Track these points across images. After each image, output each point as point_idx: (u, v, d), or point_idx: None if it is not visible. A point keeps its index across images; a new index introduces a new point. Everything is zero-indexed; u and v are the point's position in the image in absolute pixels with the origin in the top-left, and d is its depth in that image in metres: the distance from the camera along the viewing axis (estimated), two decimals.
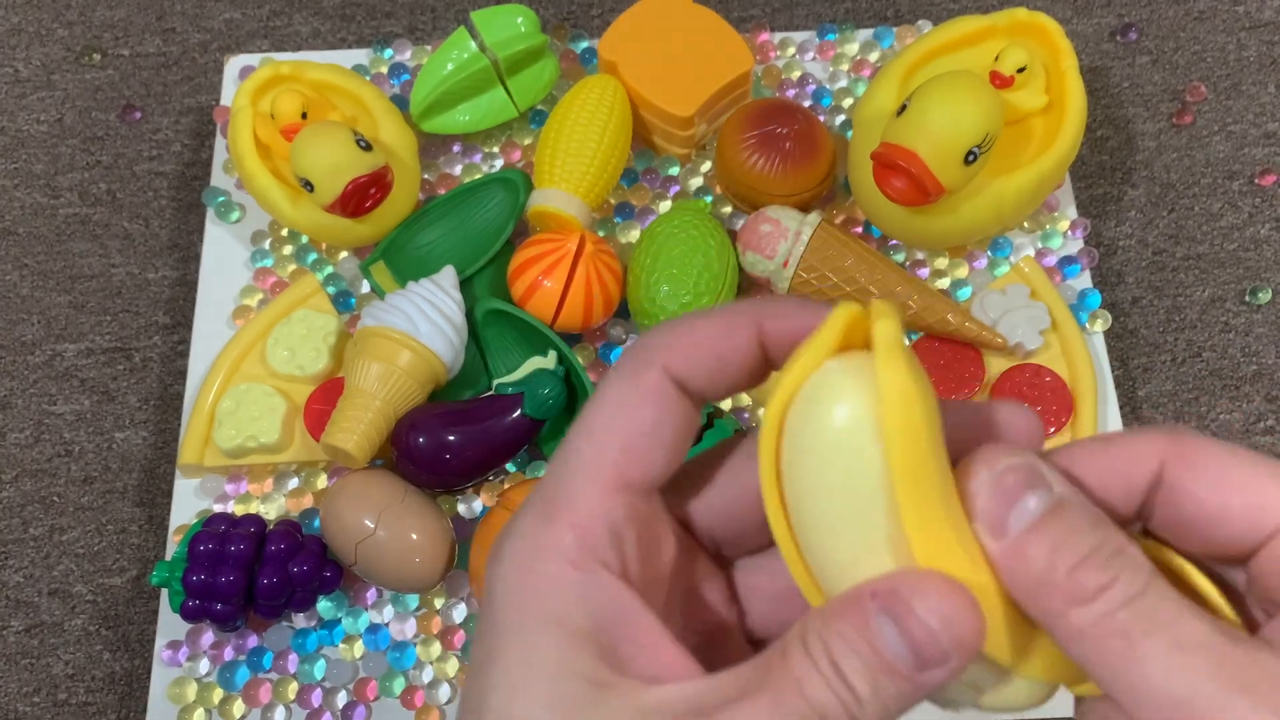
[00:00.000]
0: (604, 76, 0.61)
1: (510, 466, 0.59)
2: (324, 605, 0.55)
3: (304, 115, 0.60)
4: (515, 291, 0.57)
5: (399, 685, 0.54)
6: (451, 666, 0.55)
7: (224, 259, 0.63)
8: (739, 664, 0.22)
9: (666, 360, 0.23)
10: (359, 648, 0.55)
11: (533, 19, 0.62)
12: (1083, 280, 0.62)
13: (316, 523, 0.57)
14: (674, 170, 0.65)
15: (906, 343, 0.22)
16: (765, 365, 0.25)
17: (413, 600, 0.56)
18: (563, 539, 0.22)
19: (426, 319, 0.55)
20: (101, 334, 0.64)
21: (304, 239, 0.63)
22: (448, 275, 0.58)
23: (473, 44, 0.62)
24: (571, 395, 0.56)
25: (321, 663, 0.55)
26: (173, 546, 0.57)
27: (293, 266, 0.63)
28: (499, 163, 0.66)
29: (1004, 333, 0.58)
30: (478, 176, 0.64)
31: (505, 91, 0.63)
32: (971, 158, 0.52)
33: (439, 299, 0.56)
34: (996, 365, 0.59)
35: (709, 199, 0.64)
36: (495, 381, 0.58)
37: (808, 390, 0.22)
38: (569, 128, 0.59)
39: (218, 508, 0.58)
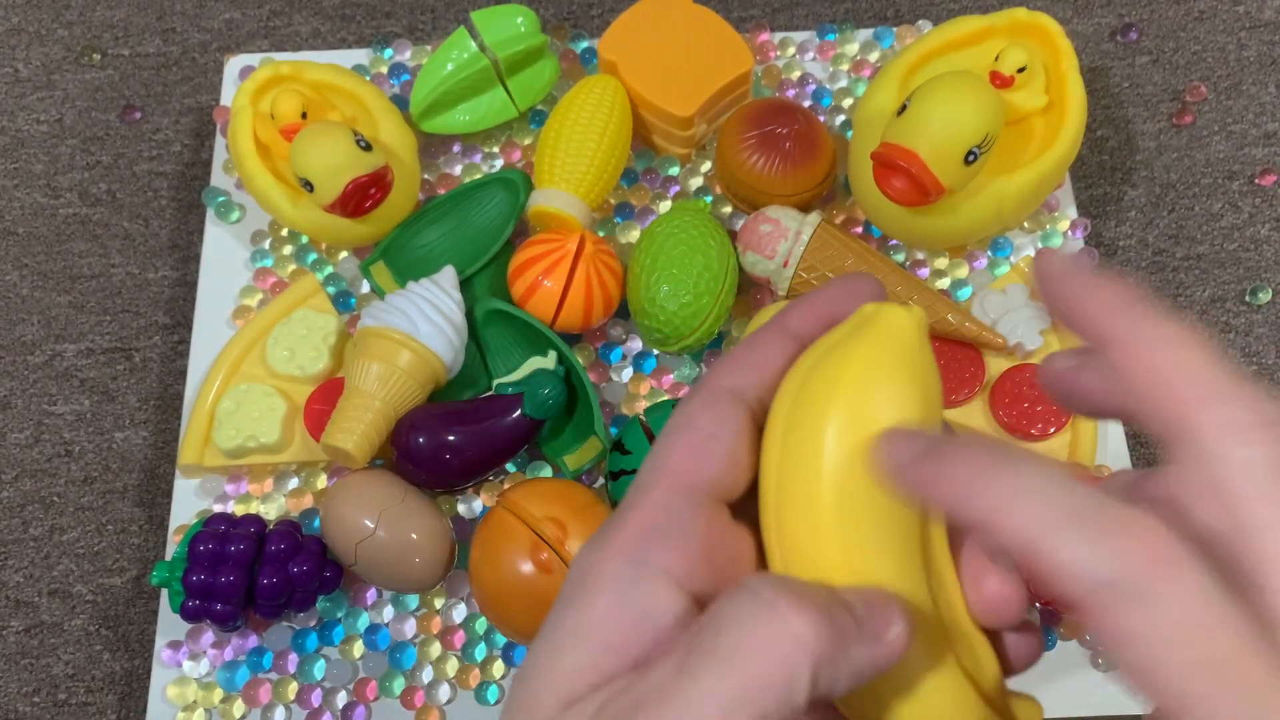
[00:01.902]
0: (604, 76, 0.61)
1: (510, 466, 0.59)
2: (324, 605, 0.55)
3: (304, 115, 0.60)
4: (515, 291, 0.57)
5: (399, 685, 0.54)
6: (451, 666, 0.55)
7: (224, 259, 0.63)
8: None
9: (720, 379, 0.25)
10: (359, 648, 0.55)
11: (533, 19, 0.62)
12: None
13: (316, 523, 0.57)
14: (674, 170, 0.65)
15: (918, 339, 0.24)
16: None
17: (412, 600, 0.56)
18: (620, 534, 0.24)
19: (426, 319, 0.55)
20: (101, 334, 0.64)
21: (304, 239, 0.63)
22: (447, 275, 0.58)
23: (473, 44, 0.62)
24: (571, 395, 0.56)
25: (321, 663, 0.55)
26: (173, 546, 0.57)
27: (293, 266, 0.63)
28: (499, 163, 0.66)
29: (1004, 333, 0.58)
30: (478, 176, 0.64)
31: (505, 91, 0.63)
32: (971, 158, 0.52)
33: (439, 299, 0.56)
34: (996, 365, 0.59)
35: (709, 199, 0.64)
36: (495, 381, 0.58)
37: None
38: (569, 128, 0.59)
39: (218, 508, 0.58)
